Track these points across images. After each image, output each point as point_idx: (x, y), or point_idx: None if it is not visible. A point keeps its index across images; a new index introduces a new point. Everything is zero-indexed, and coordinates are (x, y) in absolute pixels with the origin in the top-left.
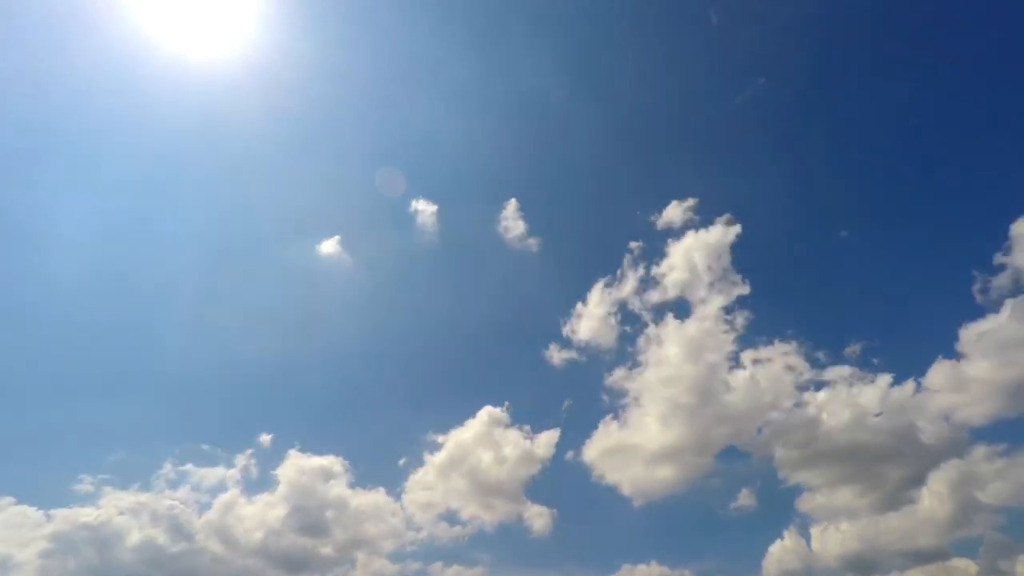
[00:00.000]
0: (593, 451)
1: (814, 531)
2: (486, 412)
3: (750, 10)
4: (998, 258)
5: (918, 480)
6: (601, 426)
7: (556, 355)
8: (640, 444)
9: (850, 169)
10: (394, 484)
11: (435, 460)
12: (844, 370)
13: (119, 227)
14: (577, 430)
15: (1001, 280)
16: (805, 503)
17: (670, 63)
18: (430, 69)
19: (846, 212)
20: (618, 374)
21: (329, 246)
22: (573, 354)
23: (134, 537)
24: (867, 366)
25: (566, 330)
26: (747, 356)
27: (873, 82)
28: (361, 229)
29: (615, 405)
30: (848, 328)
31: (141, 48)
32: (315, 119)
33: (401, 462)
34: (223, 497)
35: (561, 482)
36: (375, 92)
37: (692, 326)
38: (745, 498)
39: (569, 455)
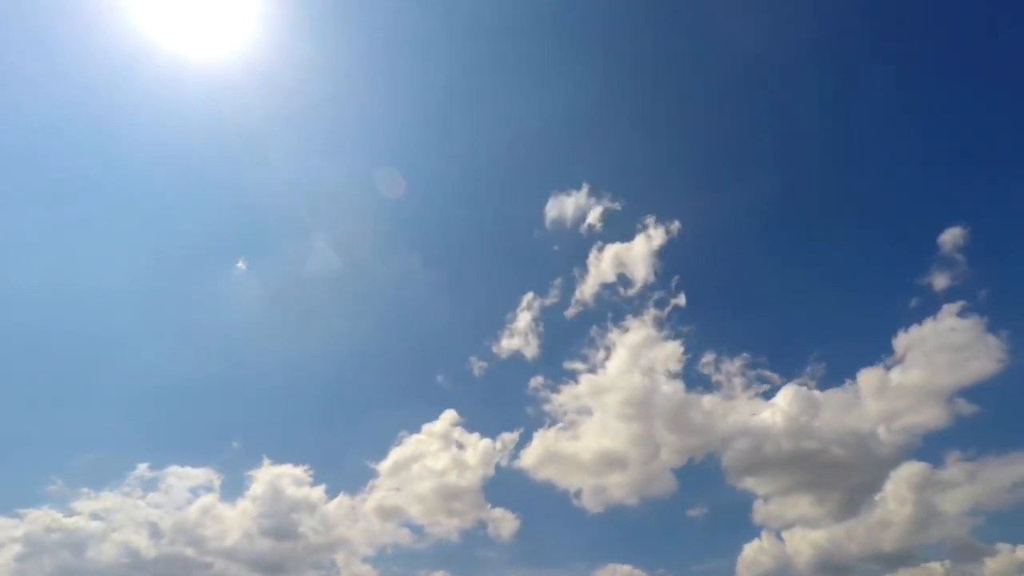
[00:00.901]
0: (541, 458)
1: (783, 537)
2: (447, 417)
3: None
4: (919, 279)
5: (873, 487)
6: (550, 434)
7: (491, 365)
8: (584, 452)
9: (789, 173)
10: (360, 491)
11: (395, 466)
12: (788, 378)
13: (108, 228)
14: (526, 437)
15: (939, 286)
16: (759, 512)
17: (593, 62)
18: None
19: (789, 217)
20: (557, 384)
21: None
22: (507, 365)
23: (109, 541)
24: (811, 374)
25: (501, 341)
26: (688, 365)
27: (826, 83)
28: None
29: (556, 414)
30: (792, 337)
31: (141, 48)
32: (317, 120)
33: (362, 470)
34: (198, 502)
35: (516, 487)
36: (371, 93)
37: (632, 336)
38: (700, 507)
39: (520, 461)
